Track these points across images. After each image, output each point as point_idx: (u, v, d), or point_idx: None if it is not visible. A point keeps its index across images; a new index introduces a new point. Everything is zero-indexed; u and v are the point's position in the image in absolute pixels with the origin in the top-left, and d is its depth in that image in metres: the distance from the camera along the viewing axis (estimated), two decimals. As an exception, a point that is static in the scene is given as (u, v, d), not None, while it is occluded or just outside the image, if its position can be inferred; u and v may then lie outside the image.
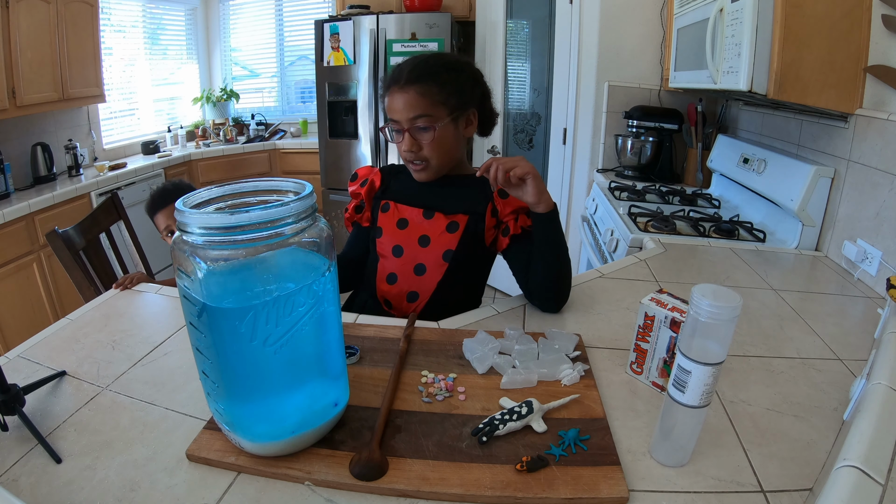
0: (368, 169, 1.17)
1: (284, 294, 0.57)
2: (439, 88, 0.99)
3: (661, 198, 2.03)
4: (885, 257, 1.20)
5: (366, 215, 1.16)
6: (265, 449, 0.63)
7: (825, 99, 1.34)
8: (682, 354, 0.60)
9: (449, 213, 1.07)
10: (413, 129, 1.01)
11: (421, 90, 0.98)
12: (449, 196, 1.09)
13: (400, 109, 1.00)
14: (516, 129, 3.03)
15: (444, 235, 1.06)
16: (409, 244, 1.08)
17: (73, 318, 1.02)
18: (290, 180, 0.65)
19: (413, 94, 0.98)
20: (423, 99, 0.99)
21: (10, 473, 0.62)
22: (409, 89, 0.99)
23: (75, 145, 2.98)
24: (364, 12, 3.19)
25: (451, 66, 1.03)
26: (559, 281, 1.01)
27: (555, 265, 0.99)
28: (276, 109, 4.49)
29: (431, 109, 1.00)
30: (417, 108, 0.99)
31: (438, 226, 1.06)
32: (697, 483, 0.61)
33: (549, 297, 1.03)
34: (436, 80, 1.00)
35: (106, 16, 3.39)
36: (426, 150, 1.02)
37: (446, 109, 1.01)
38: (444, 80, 1.00)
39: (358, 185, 1.15)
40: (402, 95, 0.99)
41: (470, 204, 1.07)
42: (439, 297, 1.08)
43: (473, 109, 1.07)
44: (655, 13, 2.29)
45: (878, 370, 0.63)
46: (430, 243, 1.06)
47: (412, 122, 1.00)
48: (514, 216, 1.04)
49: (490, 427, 0.66)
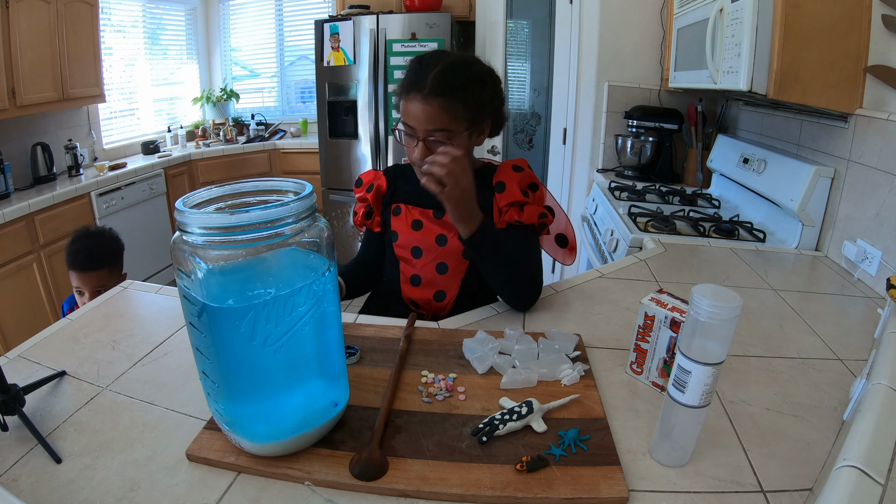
0: (373, 173, 1.15)
1: (284, 294, 0.57)
2: (463, 105, 0.94)
3: (661, 198, 2.03)
4: (885, 257, 1.20)
5: (377, 220, 1.14)
6: (265, 449, 0.63)
7: (825, 99, 1.34)
8: (682, 354, 0.60)
9: None
10: (429, 141, 0.95)
11: (445, 105, 0.92)
12: None
13: (419, 119, 0.94)
14: (516, 129, 3.03)
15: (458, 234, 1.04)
16: (427, 245, 1.06)
17: (72, 318, 1.02)
18: (290, 180, 0.65)
19: (436, 108, 0.92)
20: (446, 115, 0.93)
21: (10, 473, 0.62)
22: (432, 101, 0.92)
23: (75, 145, 2.98)
24: (364, 12, 3.19)
25: (478, 79, 0.97)
26: (509, 289, 1.02)
27: (496, 277, 1.00)
28: (276, 109, 4.49)
29: (452, 125, 0.94)
30: (438, 123, 0.93)
31: (451, 224, 1.02)
32: (697, 483, 0.61)
33: (508, 299, 1.05)
34: (461, 96, 0.93)
35: (106, 16, 3.39)
36: None
37: (466, 124, 0.96)
38: (470, 94, 0.95)
39: (364, 191, 1.13)
40: (424, 106, 0.93)
41: (478, 199, 1.03)
42: (467, 292, 1.08)
43: (489, 120, 1.03)
44: (655, 13, 2.29)
45: (878, 370, 0.63)
46: (447, 242, 1.05)
47: (429, 133, 0.95)
48: (507, 210, 1.02)
49: (490, 427, 0.66)
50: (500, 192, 1.03)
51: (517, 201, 1.01)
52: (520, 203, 1.02)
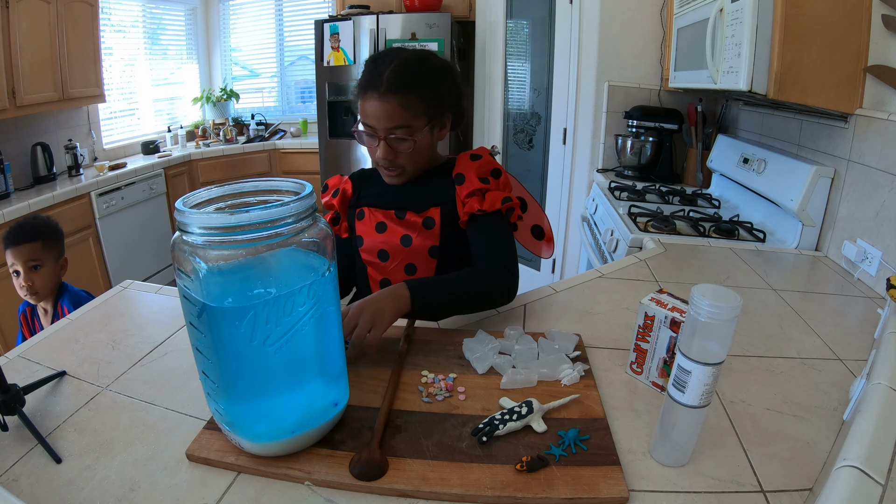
0: (339, 178, 1.13)
1: (284, 294, 0.57)
2: (421, 99, 0.93)
3: (661, 198, 2.03)
4: (885, 257, 1.20)
5: (343, 226, 1.12)
6: (265, 449, 0.63)
7: (825, 99, 1.34)
8: (682, 354, 0.60)
9: (420, 211, 1.03)
10: (390, 139, 0.95)
11: (402, 101, 0.91)
12: (419, 192, 1.04)
13: (379, 117, 0.93)
14: (516, 129, 3.03)
15: (423, 233, 1.02)
16: (392, 247, 1.04)
17: (72, 318, 1.02)
18: (290, 180, 0.65)
19: (394, 105, 0.91)
20: (405, 111, 0.92)
21: (10, 473, 0.62)
22: (390, 98, 0.91)
23: (75, 145, 2.98)
24: (364, 12, 3.19)
25: (434, 73, 0.97)
26: (480, 307, 1.00)
27: (463, 309, 0.98)
28: (276, 109, 4.50)
29: (411, 121, 0.93)
30: (397, 120, 0.92)
31: (414, 224, 1.03)
32: (697, 483, 0.61)
33: (487, 309, 1.03)
34: (419, 90, 0.93)
35: (106, 16, 3.39)
36: (402, 158, 0.98)
37: (426, 119, 0.95)
38: (428, 89, 0.94)
39: (330, 196, 1.11)
40: (382, 104, 0.91)
41: (440, 195, 1.03)
42: None
43: (449, 114, 1.01)
44: (655, 13, 2.29)
45: (878, 370, 0.63)
46: (412, 242, 1.03)
47: (390, 131, 0.94)
48: (465, 202, 1.00)
49: (490, 427, 0.66)
50: (459, 184, 1.01)
51: (477, 189, 0.98)
52: (480, 191, 0.99)
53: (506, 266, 0.96)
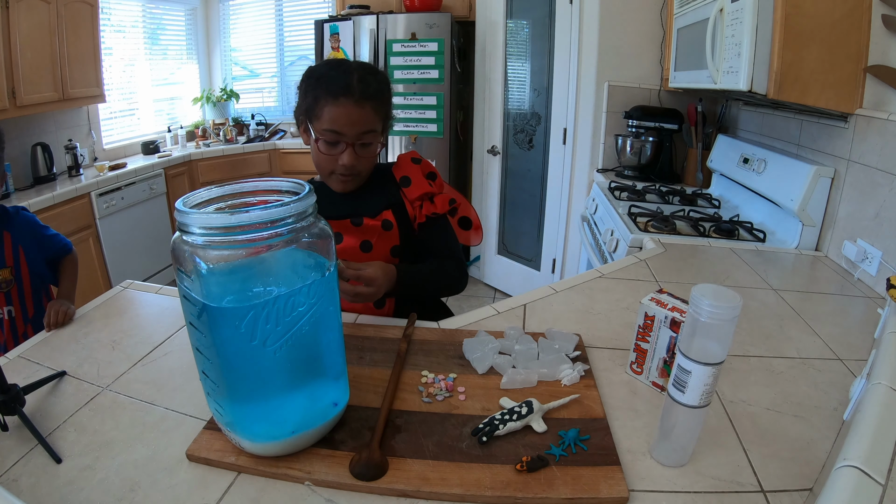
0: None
1: (284, 294, 0.57)
2: (383, 105, 0.99)
3: (661, 198, 2.03)
4: (885, 257, 1.20)
5: None
6: (265, 449, 0.63)
7: (825, 99, 1.34)
8: (682, 354, 0.60)
9: (376, 214, 1.04)
10: (358, 145, 0.98)
11: (374, 107, 0.96)
12: (367, 197, 1.07)
13: (353, 122, 0.95)
14: (516, 129, 3.03)
15: (383, 235, 1.04)
16: (352, 255, 1.04)
17: (75, 319, 1.02)
18: (290, 180, 0.65)
19: (368, 110, 0.95)
20: (375, 116, 0.97)
21: (10, 473, 0.62)
22: (364, 104, 0.95)
23: (75, 145, 2.98)
24: (364, 12, 3.19)
25: (387, 82, 1.03)
26: (442, 292, 1.12)
27: (430, 292, 1.10)
28: (276, 109, 4.49)
29: (377, 125, 0.99)
30: (368, 125, 0.96)
31: (373, 228, 1.04)
32: (697, 483, 0.61)
33: (445, 295, 1.13)
34: (383, 96, 0.99)
35: (106, 16, 3.39)
36: (362, 163, 1.00)
37: (382, 125, 1.01)
38: (387, 96, 1.01)
39: None
40: (358, 110, 0.94)
41: (388, 197, 1.07)
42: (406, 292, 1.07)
43: (389, 120, 1.07)
44: (655, 13, 2.29)
45: (878, 370, 0.63)
46: (373, 247, 1.04)
47: (360, 136, 0.97)
48: (420, 203, 1.06)
49: (490, 427, 0.66)
50: (406, 186, 1.07)
51: (426, 193, 1.06)
52: (429, 195, 1.06)
53: (463, 265, 1.11)
